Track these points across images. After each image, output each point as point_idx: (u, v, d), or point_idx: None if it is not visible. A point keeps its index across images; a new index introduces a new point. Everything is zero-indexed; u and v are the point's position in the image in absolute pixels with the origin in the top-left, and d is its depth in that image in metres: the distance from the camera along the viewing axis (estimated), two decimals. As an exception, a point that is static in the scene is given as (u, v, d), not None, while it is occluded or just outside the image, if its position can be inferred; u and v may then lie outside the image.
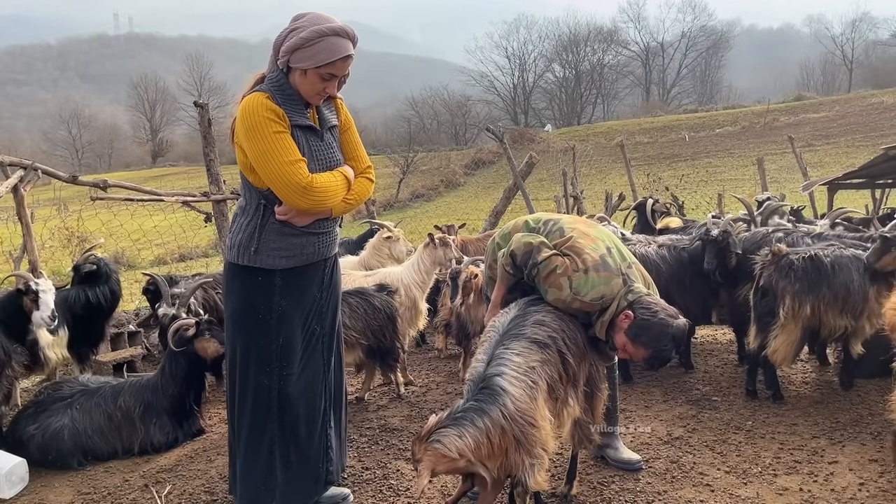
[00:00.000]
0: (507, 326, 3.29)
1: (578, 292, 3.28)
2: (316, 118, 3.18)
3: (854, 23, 71.68)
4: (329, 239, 3.28)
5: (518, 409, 2.95)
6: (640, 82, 73.82)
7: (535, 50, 73.84)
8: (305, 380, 3.27)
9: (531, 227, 3.70)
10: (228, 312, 3.25)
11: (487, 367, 3.06)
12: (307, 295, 3.24)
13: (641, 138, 43.16)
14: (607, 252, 3.40)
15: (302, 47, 2.94)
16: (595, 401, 3.55)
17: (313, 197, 2.98)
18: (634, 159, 35.38)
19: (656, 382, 5.37)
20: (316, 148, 3.11)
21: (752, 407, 4.74)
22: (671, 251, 5.66)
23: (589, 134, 47.12)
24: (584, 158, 31.61)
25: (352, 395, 5.38)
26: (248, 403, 3.20)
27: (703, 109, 53.70)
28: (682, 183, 22.42)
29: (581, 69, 71.41)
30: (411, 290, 5.47)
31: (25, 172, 5.56)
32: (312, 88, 3.03)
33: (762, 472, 3.81)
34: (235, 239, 3.16)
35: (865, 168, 10.74)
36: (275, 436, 3.21)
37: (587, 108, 70.97)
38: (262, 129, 2.91)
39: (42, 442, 4.28)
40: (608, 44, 73.23)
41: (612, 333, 3.34)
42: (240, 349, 3.19)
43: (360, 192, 3.25)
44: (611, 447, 4.02)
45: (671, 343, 3.24)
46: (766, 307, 4.61)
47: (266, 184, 3.01)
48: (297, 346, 3.22)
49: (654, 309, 3.27)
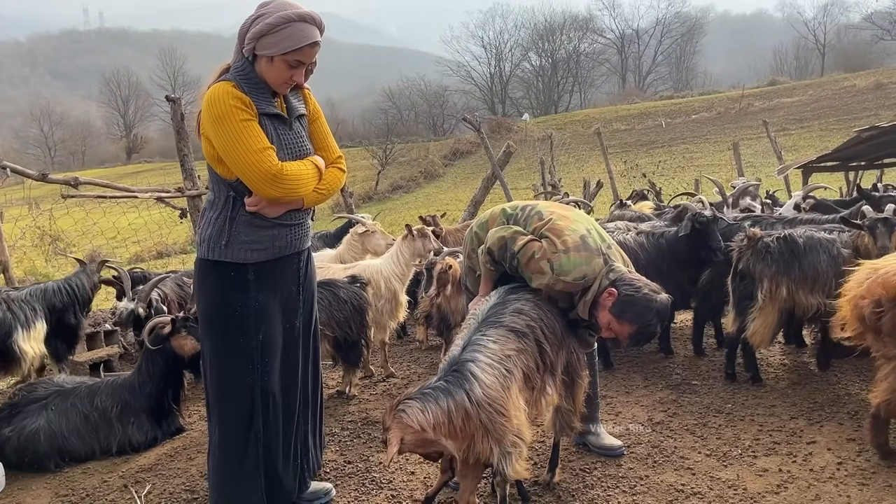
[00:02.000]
0: (486, 314, 3.29)
1: (560, 273, 3.27)
2: (284, 107, 3.12)
3: (826, 7, 72.50)
4: (302, 231, 3.22)
5: (487, 397, 2.94)
6: (616, 70, 74.07)
7: (512, 39, 73.87)
8: (284, 375, 3.22)
9: (509, 214, 3.69)
10: (202, 310, 3.17)
11: (462, 352, 3.07)
12: (283, 289, 3.18)
13: (618, 126, 43.34)
14: (587, 233, 3.40)
15: (268, 34, 2.88)
16: (576, 388, 3.55)
17: (284, 185, 2.92)
18: (612, 146, 35.54)
19: (636, 368, 5.40)
20: (284, 137, 3.05)
21: (731, 390, 4.78)
22: (649, 238, 5.68)
23: (566, 122, 47.22)
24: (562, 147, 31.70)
25: (332, 389, 5.35)
26: (231, 401, 3.13)
27: (678, 96, 54.03)
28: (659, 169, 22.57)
29: (557, 58, 71.48)
30: (391, 282, 5.43)
31: (-5, 171, 5.45)
32: (279, 76, 2.97)
33: (742, 454, 3.84)
34: (205, 234, 3.08)
35: (839, 151, 10.87)
36: (259, 432, 3.15)
37: (564, 96, 71.09)
38: (228, 117, 2.84)
39: (17, 444, 4.21)
40: (584, 32, 73.37)
41: (595, 313, 3.34)
42: (217, 347, 3.12)
43: (331, 182, 3.19)
44: (592, 434, 4.03)
45: (656, 317, 3.24)
46: (744, 291, 4.64)
47: (235, 173, 2.94)
48: (278, 341, 3.17)
49: (637, 285, 3.29)
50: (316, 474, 3.58)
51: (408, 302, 5.97)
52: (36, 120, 72.34)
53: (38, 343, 5.03)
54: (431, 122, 65.30)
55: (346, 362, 5.00)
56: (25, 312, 4.94)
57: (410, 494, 3.67)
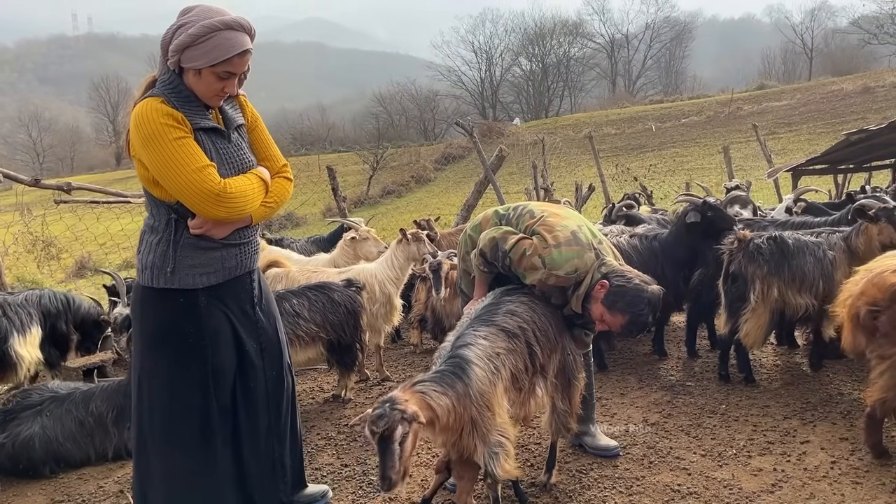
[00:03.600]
0: (479, 313, 3.33)
1: (553, 267, 3.31)
2: (220, 118, 2.94)
3: (813, 11, 73.03)
4: (251, 249, 3.07)
5: (479, 390, 2.97)
6: (606, 74, 74.27)
7: (502, 44, 73.86)
8: (245, 397, 3.07)
9: (501, 215, 3.73)
10: (145, 336, 2.96)
11: (455, 346, 3.08)
12: (236, 310, 3.02)
13: (609, 129, 43.46)
14: (578, 229, 3.45)
15: (192, 45, 2.70)
16: (572, 390, 3.58)
17: (229, 204, 2.76)
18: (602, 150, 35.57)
19: (631, 370, 5.42)
20: (224, 150, 2.88)
21: (725, 391, 4.81)
22: (642, 241, 5.70)
23: (557, 126, 47.29)
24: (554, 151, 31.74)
25: (328, 393, 5.36)
26: (185, 426, 2.94)
27: (668, 100, 54.19)
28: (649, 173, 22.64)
29: (547, 62, 71.58)
30: (385, 287, 5.44)
31: (-13, 177, 5.43)
32: (209, 89, 2.79)
33: (737, 454, 3.87)
34: (147, 260, 2.87)
35: (828, 154, 10.97)
36: (219, 456, 3.01)
37: (555, 100, 71.19)
38: (160, 136, 2.66)
39: (12, 451, 4.19)
40: (574, 36, 73.47)
41: (588, 306, 3.39)
42: (166, 372, 2.92)
43: (279, 194, 3.04)
44: (588, 435, 4.05)
45: (647, 307, 3.29)
46: (736, 293, 4.68)
47: (174, 196, 2.75)
48: (231, 366, 3.01)
49: (629, 276, 3.35)
50: (298, 492, 3.47)
51: (402, 306, 5.98)
52: (24, 125, 71.86)
53: (34, 348, 5.01)
54: (423, 127, 65.30)
55: (341, 366, 4.99)
56: (21, 317, 4.92)
57: (408, 497, 3.68)
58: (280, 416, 3.27)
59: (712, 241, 5.08)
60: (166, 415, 2.97)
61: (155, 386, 2.97)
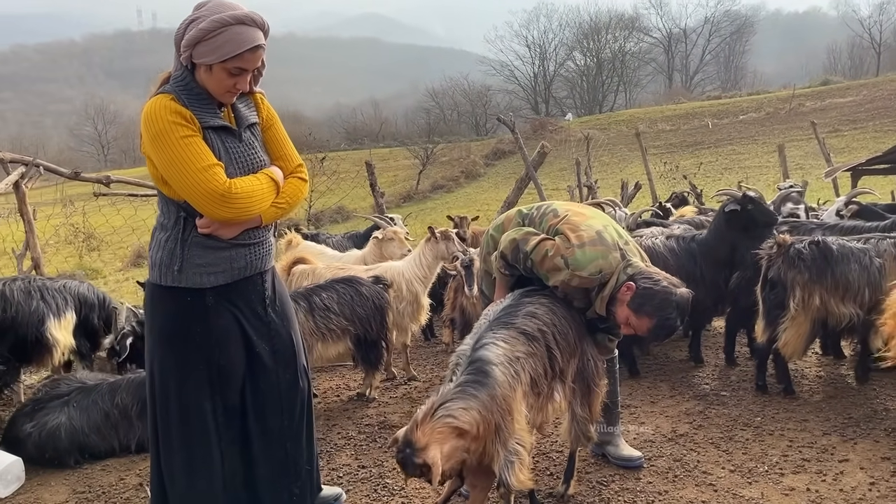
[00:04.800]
0: (498, 315, 3.23)
1: (576, 268, 3.18)
2: (232, 117, 2.91)
3: (882, 5, 69.90)
4: (263, 250, 3.00)
5: (503, 397, 2.88)
6: (662, 69, 72.84)
7: (556, 38, 73.11)
8: (255, 399, 3.04)
9: (524, 214, 3.63)
10: (155, 333, 2.95)
11: (475, 350, 2.98)
12: (246, 312, 2.97)
13: (663, 126, 42.63)
14: (603, 228, 3.32)
15: (203, 40, 2.65)
16: (592, 397, 3.45)
17: (234, 205, 2.71)
18: (656, 147, 35.09)
19: (664, 377, 5.23)
20: (234, 150, 2.83)
21: (761, 402, 4.60)
22: (680, 242, 5.50)
23: (610, 122, 46.62)
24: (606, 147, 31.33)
25: (353, 391, 5.32)
26: (192, 426, 2.93)
27: (726, 96, 52.85)
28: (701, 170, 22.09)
29: (602, 57, 70.56)
30: (413, 285, 5.37)
31: (27, 169, 5.54)
32: (220, 85, 2.74)
33: (768, 471, 3.67)
34: (156, 257, 2.87)
35: (891, 153, 10.46)
36: (223, 453, 2.99)
37: (609, 96, 70.23)
38: (167, 135, 2.64)
39: (39, 440, 4.25)
40: (630, 31, 72.27)
41: (613, 309, 3.26)
42: (174, 372, 2.91)
43: (291, 195, 2.98)
44: (611, 444, 3.91)
45: (675, 311, 3.16)
46: (775, 299, 4.46)
47: (180, 195, 2.73)
48: (240, 366, 2.97)
49: (656, 278, 3.22)
50: (313, 496, 3.40)
51: (433, 304, 5.92)
52: (90, 118, 74.26)
53: (69, 333, 5.06)
54: (474, 122, 65.14)
55: (366, 363, 4.95)
56: (58, 301, 4.98)
57: (422, 503, 3.60)
58: (294, 418, 3.21)
59: (753, 241, 4.89)
60: (172, 411, 2.96)
61: (162, 382, 2.97)
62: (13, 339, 4.67)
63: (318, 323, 4.61)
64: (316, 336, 4.62)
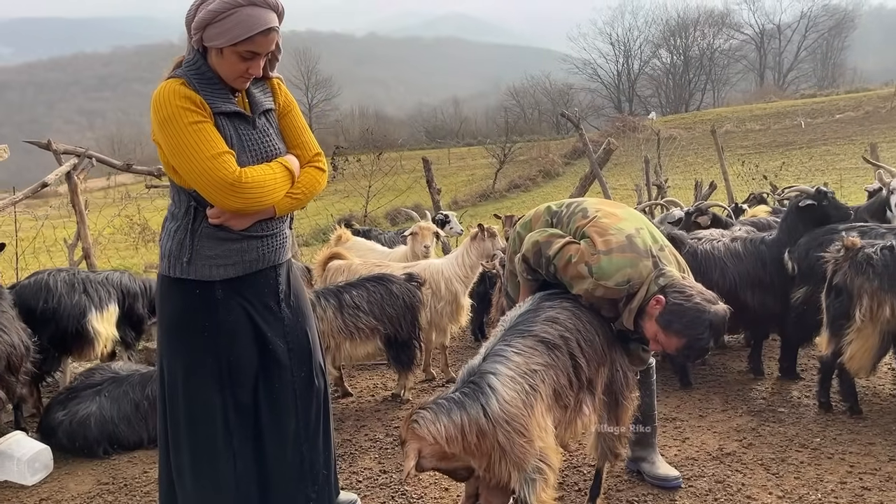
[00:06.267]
0: (516, 321, 3.00)
1: (601, 276, 2.92)
2: (246, 103, 2.78)
3: None
4: (277, 242, 2.86)
5: (505, 413, 2.66)
6: (753, 67, 70.04)
7: (641, 35, 71.53)
8: (269, 398, 2.92)
9: (553, 212, 3.38)
10: (164, 325, 2.89)
11: (483, 362, 2.79)
12: (258, 306, 2.85)
13: (752, 125, 40.98)
14: (635, 232, 3.03)
15: (213, 22, 2.53)
16: (620, 410, 3.19)
17: (244, 195, 2.58)
18: (744, 147, 33.72)
19: (717, 389, 4.86)
20: (247, 137, 2.71)
21: (822, 422, 4.18)
22: (747, 245, 5.10)
23: (696, 121, 45.08)
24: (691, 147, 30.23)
25: (388, 391, 5.18)
26: (201, 423, 2.83)
27: (822, 94, 50.34)
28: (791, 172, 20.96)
29: (690, 54, 68.55)
30: (452, 284, 5.18)
31: (79, 160, 5.65)
32: (232, 70, 2.62)
33: (822, 500, 3.31)
34: (165, 248, 2.77)
35: None
36: (236, 454, 2.88)
37: (696, 94, 68.09)
38: (176, 120, 2.53)
39: (69, 429, 4.29)
40: (719, 27, 69.90)
41: (641, 322, 2.98)
42: (182, 367, 2.82)
43: (308, 185, 2.83)
44: (647, 461, 3.62)
45: (708, 331, 2.84)
46: (839, 308, 4.04)
47: (188, 184, 2.62)
48: (252, 363, 2.86)
49: (689, 293, 2.90)
50: (330, 499, 3.26)
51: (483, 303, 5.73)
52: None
53: (111, 325, 5.13)
54: (555, 121, 64.33)
55: (398, 363, 4.80)
56: (100, 294, 5.05)
57: (437, 512, 3.42)
58: (309, 419, 3.08)
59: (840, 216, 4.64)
60: (180, 406, 2.87)
61: (171, 377, 2.89)
62: (54, 330, 4.74)
63: (347, 321, 4.50)
64: (344, 334, 4.51)
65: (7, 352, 4.10)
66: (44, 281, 4.77)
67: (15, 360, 4.17)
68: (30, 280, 4.83)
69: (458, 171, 41.92)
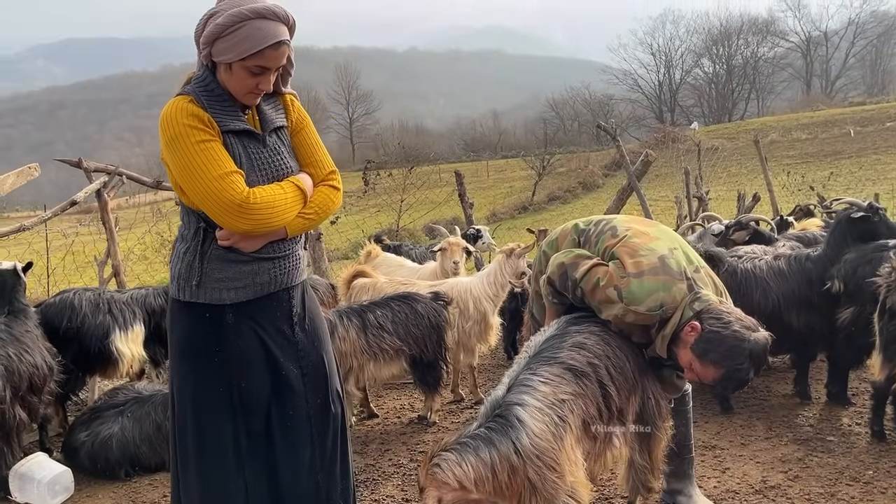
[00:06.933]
0: (541, 347, 2.83)
1: (631, 301, 2.74)
2: (256, 120, 2.68)
3: None
4: (289, 264, 2.74)
5: (535, 448, 2.48)
6: (799, 75, 68.49)
7: (683, 45, 70.53)
8: (283, 425, 2.79)
9: (581, 230, 3.21)
10: (174, 349, 2.78)
11: (508, 393, 2.62)
12: (270, 330, 2.73)
13: (799, 134, 40.04)
14: (668, 253, 2.84)
15: (221, 36, 2.44)
16: (653, 441, 3.01)
17: (253, 216, 2.47)
18: (790, 157, 32.89)
19: (761, 414, 4.60)
20: (257, 156, 2.60)
21: (875, 452, 3.91)
22: (792, 263, 4.84)
23: (739, 131, 44.20)
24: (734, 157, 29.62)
25: (414, 413, 5.03)
26: (211, 453, 2.72)
27: (871, 101, 48.97)
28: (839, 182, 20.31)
29: (733, 63, 67.37)
30: (481, 303, 5.01)
31: (109, 178, 5.66)
32: (241, 86, 2.53)
33: (875, 540, 3.06)
34: (175, 270, 2.68)
35: None
36: (248, 484, 2.76)
37: (739, 104, 66.85)
38: (182, 139, 2.44)
39: (91, 450, 4.24)
40: (764, 35, 68.57)
41: (675, 350, 2.80)
42: (192, 393, 2.72)
43: (322, 204, 2.71)
44: (683, 494, 3.40)
45: (748, 361, 2.65)
46: (892, 332, 3.78)
47: (195, 204, 2.51)
48: (264, 389, 2.74)
49: (727, 319, 2.70)
50: None
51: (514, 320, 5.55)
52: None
53: (137, 345, 5.08)
54: (595, 132, 63.81)
55: (423, 385, 4.66)
56: (125, 315, 5.01)
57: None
58: (325, 447, 2.93)
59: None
60: (189, 432, 2.76)
61: (181, 401, 2.77)
62: (77, 349, 4.71)
63: (371, 342, 4.37)
64: (367, 355, 4.38)
65: (29, 372, 4.07)
66: (69, 300, 4.75)
67: (37, 381, 4.14)
68: (55, 299, 4.81)
69: (496, 184, 41.79)
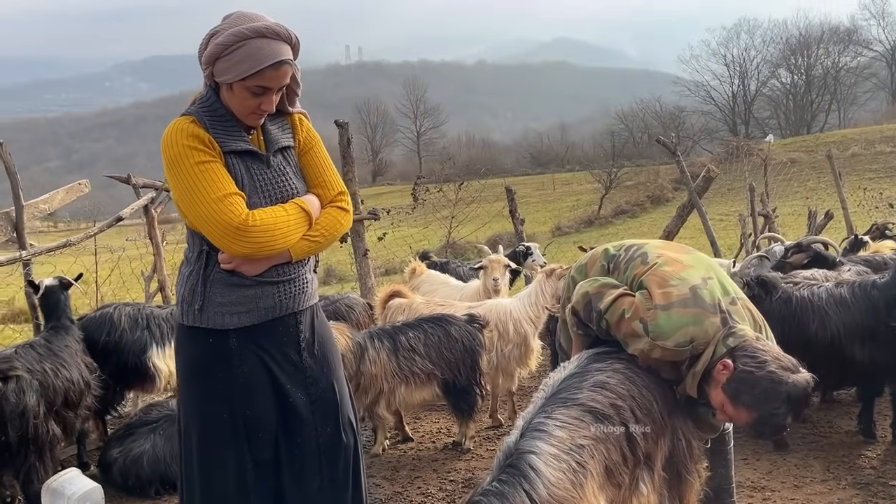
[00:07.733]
0: (559, 387, 2.65)
1: (658, 335, 2.56)
2: (261, 140, 2.61)
3: None
4: (296, 288, 2.64)
5: (553, 497, 2.31)
6: (884, 85, 65.42)
7: (759, 55, 68.28)
8: (290, 454, 2.71)
9: (610, 255, 3.03)
10: (180, 375, 2.76)
11: (520, 440, 2.45)
12: (277, 356, 2.65)
13: (883, 147, 38.24)
14: (702, 283, 2.65)
15: (221, 56, 2.40)
16: (684, 486, 2.79)
17: (252, 239, 2.40)
18: (873, 171, 31.38)
19: (819, 453, 4.27)
20: (260, 177, 2.54)
21: (945, 502, 3.57)
22: (856, 290, 4.49)
23: (818, 144, 42.48)
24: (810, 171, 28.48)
25: (449, 439, 4.88)
26: (212, 482, 2.66)
27: (962, 112, 46.31)
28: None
29: (813, 74, 64.90)
30: (521, 326, 4.83)
31: (157, 194, 5.75)
32: (243, 106, 2.47)
33: None
34: (179, 294, 2.63)
35: None
36: None
37: (819, 115, 64.28)
38: (182, 160, 2.40)
39: (123, 466, 4.26)
40: (846, 44, 65.84)
41: (707, 389, 2.59)
42: (198, 419, 2.66)
43: (328, 226, 2.62)
44: (724, 542, 3.16)
45: (784, 406, 2.43)
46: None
47: (195, 226, 2.46)
48: (271, 417, 2.66)
49: (763, 358, 2.48)
50: None
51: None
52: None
53: (174, 362, 5.13)
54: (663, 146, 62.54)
55: (457, 410, 4.53)
56: (163, 330, 5.05)
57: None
58: (336, 477, 2.82)
59: None
60: (194, 459, 2.70)
61: (186, 427, 2.73)
62: (115, 364, 4.76)
63: (402, 364, 4.27)
64: (399, 378, 4.29)
65: (65, 387, 4.12)
66: (108, 315, 4.82)
67: (73, 396, 4.19)
68: (96, 313, 4.89)
69: (562, 197, 41.37)
